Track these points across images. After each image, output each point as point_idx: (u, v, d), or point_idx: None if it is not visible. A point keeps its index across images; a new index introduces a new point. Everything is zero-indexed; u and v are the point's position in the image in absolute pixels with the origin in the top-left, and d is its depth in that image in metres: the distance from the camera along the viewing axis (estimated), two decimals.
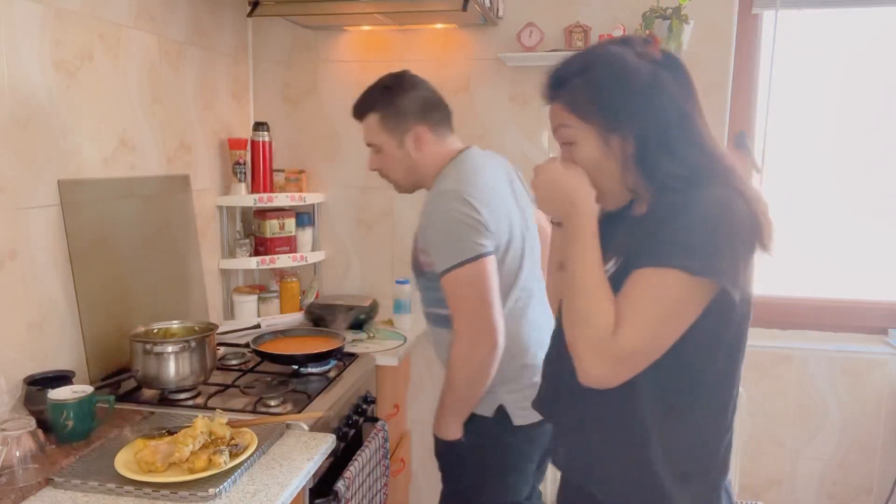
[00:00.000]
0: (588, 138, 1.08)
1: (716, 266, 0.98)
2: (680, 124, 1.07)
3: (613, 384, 1.02)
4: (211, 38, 2.28)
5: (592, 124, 1.08)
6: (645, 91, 1.06)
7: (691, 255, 0.98)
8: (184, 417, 1.50)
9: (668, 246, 1.00)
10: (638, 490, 1.09)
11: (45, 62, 1.56)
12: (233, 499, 1.19)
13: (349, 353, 2.03)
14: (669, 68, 1.10)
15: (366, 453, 1.72)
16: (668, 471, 1.06)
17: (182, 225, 2.11)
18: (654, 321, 0.99)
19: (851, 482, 2.40)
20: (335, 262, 2.63)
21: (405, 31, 2.45)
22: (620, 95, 1.06)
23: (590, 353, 1.01)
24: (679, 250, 0.98)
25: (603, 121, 1.07)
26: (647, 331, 0.99)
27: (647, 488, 1.07)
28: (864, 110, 2.35)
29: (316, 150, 2.59)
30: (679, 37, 2.11)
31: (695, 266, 0.97)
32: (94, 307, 1.69)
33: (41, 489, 1.20)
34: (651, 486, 1.07)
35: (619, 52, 1.09)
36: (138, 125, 1.91)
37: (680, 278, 0.98)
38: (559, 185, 1.09)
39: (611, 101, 1.06)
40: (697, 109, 1.12)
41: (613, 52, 1.10)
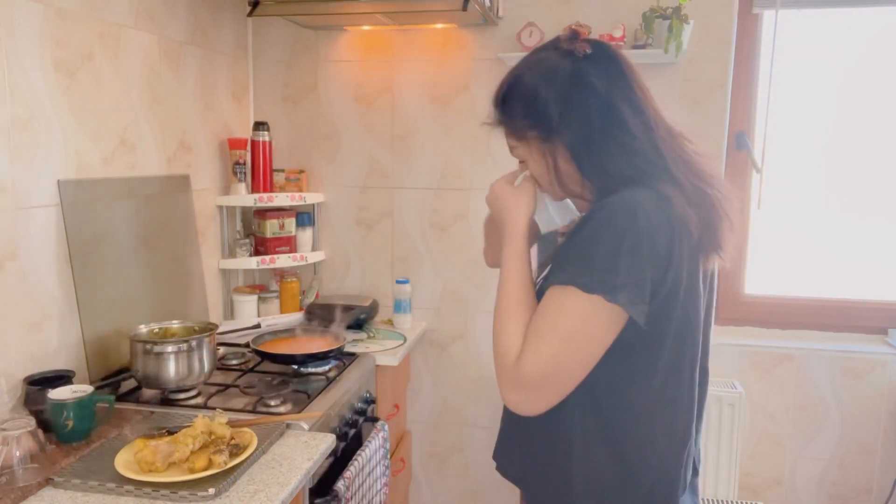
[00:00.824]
0: (532, 155, 1.07)
1: (611, 282, 0.90)
2: (605, 123, 1.01)
3: (536, 411, 0.97)
4: (211, 38, 2.28)
5: (530, 141, 1.06)
6: (566, 93, 1.01)
7: (586, 269, 0.92)
8: (184, 417, 1.50)
9: (570, 261, 0.96)
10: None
11: (45, 62, 1.56)
12: (233, 499, 1.19)
13: (349, 353, 2.04)
14: (596, 60, 1.03)
15: (366, 453, 1.72)
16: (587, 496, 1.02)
17: (182, 225, 2.11)
18: (556, 342, 0.94)
19: (851, 482, 2.40)
20: (335, 262, 2.63)
21: (405, 31, 2.45)
22: (545, 102, 1.02)
23: (501, 381, 0.99)
24: (578, 266, 0.94)
25: (536, 135, 1.05)
26: (547, 353, 0.94)
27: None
28: (865, 110, 2.35)
29: (316, 150, 2.59)
30: (679, 37, 2.11)
31: (586, 281, 0.91)
32: (94, 307, 1.69)
33: (41, 489, 1.20)
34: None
35: (541, 57, 1.06)
36: (138, 125, 1.91)
37: (576, 296, 0.93)
38: (500, 202, 1.10)
39: (537, 113, 1.03)
40: (631, 98, 1.03)
41: (535, 59, 1.07)
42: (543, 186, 1.09)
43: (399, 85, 2.50)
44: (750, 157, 2.39)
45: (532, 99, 1.04)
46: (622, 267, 0.91)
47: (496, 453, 1.21)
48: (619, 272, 0.91)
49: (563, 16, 2.32)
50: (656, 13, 2.15)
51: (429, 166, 2.49)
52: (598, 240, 0.93)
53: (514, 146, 1.10)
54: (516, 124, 1.07)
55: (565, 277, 0.94)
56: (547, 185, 1.08)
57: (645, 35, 2.19)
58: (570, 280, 0.93)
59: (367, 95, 2.52)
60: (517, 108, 1.06)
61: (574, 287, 0.92)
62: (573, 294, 0.93)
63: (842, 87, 2.36)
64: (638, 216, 0.92)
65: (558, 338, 0.94)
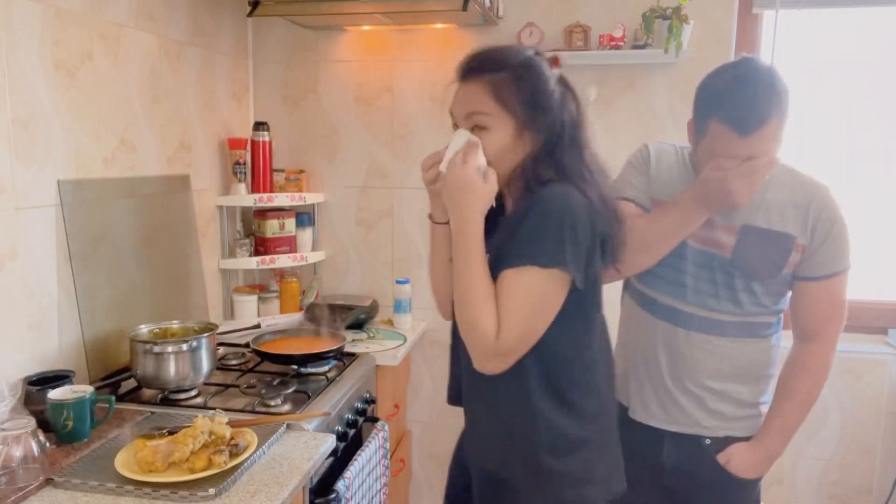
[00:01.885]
0: (503, 127, 1.17)
1: (561, 256, 1.11)
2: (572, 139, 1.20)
3: (503, 369, 1.16)
4: (211, 38, 2.28)
5: (512, 115, 1.17)
6: (559, 103, 1.19)
7: (540, 249, 1.11)
8: (184, 417, 1.50)
9: (522, 246, 1.13)
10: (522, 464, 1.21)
11: (45, 62, 1.56)
12: (233, 499, 1.19)
13: (349, 353, 2.03)
14: (568, 90, 1.22)
15: (366, 453, 1.72)
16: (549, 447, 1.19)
17: (182, 225, 2.11)
18: (525, 316, 1.12)
19: (851, 482, 2.40)
20: (335, 262, 2.63)
21: (405, 31, 2.45)
22: (541, 97, 1.17)
23: (480, 353, 1.15)
24: (531, 248, 1.12)
25: (524, 116, 1.17)
26: (521, 326, 1.12)
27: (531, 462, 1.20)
28: (864, 110, 2.35)
29: (316, 150, 2.59)
30: (679, 37, 2.11)
31: (544, 259, 1.11)
32: (94, 307, 1.69)
33: (41, 489, 1.21)
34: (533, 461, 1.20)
35: (539, 59, 1.21)
36: (138, 125, 1.91)
37: (536, 273, 1.11)
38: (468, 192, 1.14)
39: (537, 102, 1.17)
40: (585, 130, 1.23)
41: (535, 57, 1.20)
42: (491, 158, 1.18)
43: (399, 85, 2.50)
44: None
45: (541, 88, 1.17)
46: (567, 242, 1.11)
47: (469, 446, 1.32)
48: (566, 247, 1.11)
49: (563, 16, 2.32)
50: (656, 13, 2.15)
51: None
52: (545, 225, 1.12)
53: (485, 111, 1.17)
54: (508, 97, 1.16)
55: (523, 260, 1.12)
56: (494, 157, 1.18)
57: (645, 35, 2.19)
58: (530, 261, 1.11)
59: (367, 95, 2.52)
60: (520, 86, 1.16)
61: (535, 266, 1.11)
62: (534, 272, 1.12)
63: (841, 87, 2.36)
64: (570, 202, 1.12)
65: (526, 312, 1.13)
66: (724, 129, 1.29)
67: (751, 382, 1.49)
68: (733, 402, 1.48)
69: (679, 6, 2.12)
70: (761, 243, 1.40)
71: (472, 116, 1.18)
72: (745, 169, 1.29)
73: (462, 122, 1.21)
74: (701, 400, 1.47)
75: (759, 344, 1.48)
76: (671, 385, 1.48)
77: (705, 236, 1.42)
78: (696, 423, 1.48)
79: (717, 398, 1.47)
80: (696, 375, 1.47)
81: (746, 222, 1.41)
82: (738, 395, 1.47)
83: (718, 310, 1.44)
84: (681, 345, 1.47)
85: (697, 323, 1.45)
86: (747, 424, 1.50)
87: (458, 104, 1.22)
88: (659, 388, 1.50)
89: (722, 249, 1.42)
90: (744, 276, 1.41)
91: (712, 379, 1.46)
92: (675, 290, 1.46)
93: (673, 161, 1.50)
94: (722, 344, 1.45)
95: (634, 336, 1.56)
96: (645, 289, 1.52)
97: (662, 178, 1.49)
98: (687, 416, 1.48)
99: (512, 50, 1.21)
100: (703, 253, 1.43)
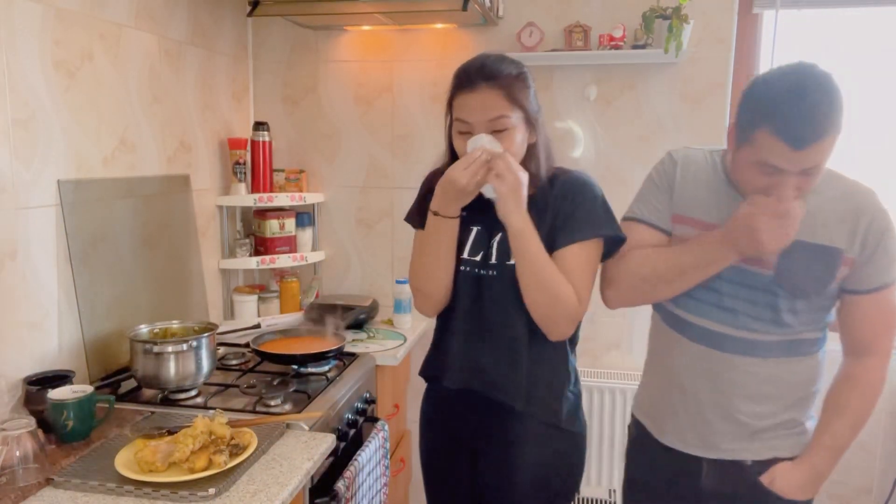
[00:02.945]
0: (519, 124, 1.33)
1: (616, 226, 1.38)
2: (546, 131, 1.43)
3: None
4: (211, 38, 2.28)
5: (522, 111, 1.33)
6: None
7: (610, 223, 1.38)
8: (184, 417, 1.50)
9: (592, 220, 1.36)
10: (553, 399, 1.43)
11: (45, 62, 1.56)
12: (233, 499, 1.19)
13: (349, 353, 2.03)
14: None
15: (366, 453, 1.72)
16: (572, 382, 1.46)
17: (182, 225, 2.11)
18: (592, 280, 1.39)
19: (851, 482, 2.40)
20: (335, 262, 2.63)
21: (405, 31, 2.45)
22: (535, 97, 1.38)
23: (566, 321, 1.35)
24: (602, 221, 1.36)
25: (529, 110, 1.34)
26: (591, 289, 1.37)
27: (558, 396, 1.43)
28: (864, 110, 2.35)
29: (316, 150, 2.59)
30: (679, 37, 2.11)
31: (613, 229, 1.37)
32: (94, 307, 1.69)
33: (41, 489, 1.21)
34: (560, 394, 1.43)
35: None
36: (138, 125, 1.91)
37: (598, 245, 1.38)
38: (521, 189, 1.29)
39: (532, 95, 1.37)
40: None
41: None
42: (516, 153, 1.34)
43: (399, 85, 2.49)
44: None
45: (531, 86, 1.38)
46: (612, 214, 1.39)
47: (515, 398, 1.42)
48: (613, 219, 1.39)
49: (563, 16, 2.32)
50: (656, 13, 2.15)
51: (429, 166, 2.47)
52: (593, 203, 1.37)
53: (506, 115, 1.31)
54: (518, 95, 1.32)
55: (597, 231, 1.36)
56: (518, 152, 1.34)
57: (645, 35, 2.19)
58: (602, 232, 1.37)
59: (367, 95, 2.52)
60: (528, 86, 1.36)
61: (595, 239, 1.37)
62: (594, 244, 1.37)
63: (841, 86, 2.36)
64: (596, 182, 1.41)
65: (592, 276, 1.39)
66: (774, 141, 1.17)
67: (797, 402, 1.37)
68: (778, 424, 1.36)
69: (679, 6, 2.12)
70: (806, 259, 1.27)
71: (496, 121, 1.31)
72: (778, 212, 1.19)
73: (482, 127, 1.32)
74: (744, 426, 1.35)
75: (806, 361, 1.36)
76: (711, 414, 1.37)
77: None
78: (738, 449, 1.37)
79: (761, 423, 1.35)
80: (738, 402, 1.35)
81: None
82: (783, 416, 1.36)
83: (761, 330, 1.32)
84: (721, 370, 1.35)
85: (738, 345, 1.33)
86: (792, 443, 1.38)
87: (476, 112, 1.31)
88: (696, 417, 1.38)
89: (763, 267, 1.30)
90: (788, 295, 1.30)
91: (756, 403, 1.34)
92: (711, 312, 1.35)
93: (702, 169, 1.39)
94: (766, 366, 1.33)
95: (666, 360, 1.45)
96: (677, 310, 1.41)
97: (688, 192, 1.38)
98: (729, 444, 1.37)
99: (503, 56, 1.37)
100: (742, 271, 1.31)
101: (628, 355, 2.43)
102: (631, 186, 1.46)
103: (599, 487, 2.41)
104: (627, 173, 2.35)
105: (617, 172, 2.36)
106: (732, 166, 1.31)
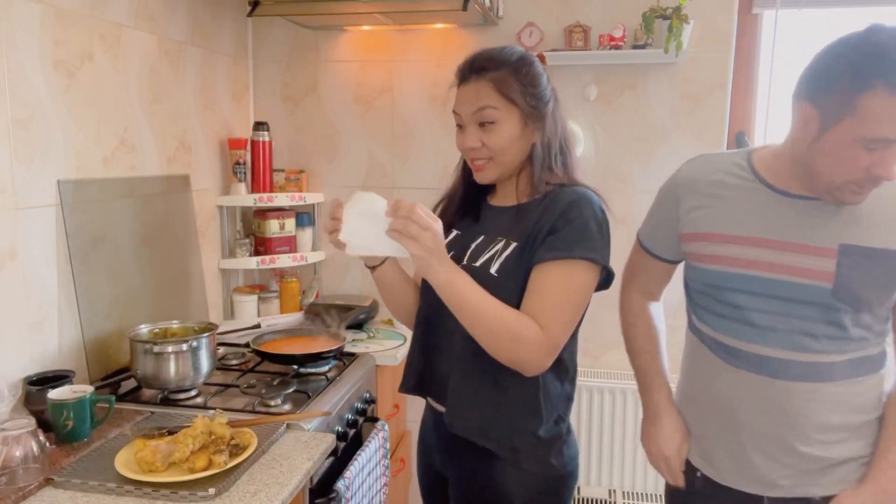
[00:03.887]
0: (511, 118, 1.24)
1: (606, 256, 1.22)
2: (568, 134, 1.32)
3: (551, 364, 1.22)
4: (211, 38, 2.28)
5: (516, 106, 1.24)
6: (553, 99, 1.29)
7: (594, 247, 1.19)
8: (184, 417, 1.50)
9: (572, 240, 1.18)
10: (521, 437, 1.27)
11: (45, 62, 1.56)
12: (233, 499, 1.19)
13: (349, 353, 2.03)
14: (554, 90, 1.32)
15: (366, 453, 1.72)
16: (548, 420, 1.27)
17: (182, 225, 2.11)
18: (573, 307, 1.20)
19: None
20: (335, 262, 2.63)
21: (405, 31, 2.45)
22: (543, 92, 1.27)
23: (533, 355, 1.17)
24: (585, 244, 1.18)
25: (526, 106, 1.24)
26: (569, 316, 1.20)
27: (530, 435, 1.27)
28: None
29: (316, 150, 2.59)
30: (679, 37, 2.11)
31: (597, 257, 1.19)
32: (94, 307, 1.69)
33: (41, 489, 1.21)
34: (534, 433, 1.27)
35: (532, 56, 1.29)
36: (138, 125, 1.91)
37: (585, 267, 1.19)
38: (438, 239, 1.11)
39: (536, 93, 1.25)
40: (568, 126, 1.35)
41: (528, 54, 1.29)
42: (498, 153, 1.26)
43: (399, 85, 2.50)
44: None
45: (539, 81, 1.27)
46: (606, 243, 1.22)
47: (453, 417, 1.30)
48: (606, 247, 1.22)
49: (563, 16, 2.32)
50: (656, 13, 2.15)
51: (429, 166, 2.49)
52: (591, 223, 1.20)
53: (492, 105, 1.24)
54: (510, 91, 1.23)
55: (576, 252, 1.18)
56: (505, 148, 1.26)
57: (645, 35, 2.19)
58: (583, 254, 1.18)
59: (367, 95, 2.52)
60: (520, 81, 1.24)
61: (586, 261, 1.19)
62: (584, 266, 1.19)
63: None
64: (602, 207, 1.25)
65: (573, 305, 1.20)
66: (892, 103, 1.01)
67: (864, 427, 1.21)
68: (849, 454, 1.20)
69: (679, 6, 2.12)
70: (866, 265, 1.13)
71: (481, 112, 1.24)
72: None
73: (469, 118, 1.27)
74: (811, 460, 1.19)
75: (871, 380, 1.20)
76: (773, 449, 1.21)
77: (796, 265, 1.16)
78: (805, 485, 1.21)
79: (830, 454, 1.19)
80: (800, 433, 1.19)
81: (844, 241, 1.14)
82: (854, 445, 1.20)
83: (823, 350, 1.16)
84: (779, 399, 1.19)
85: (798, 370, 1.17)
86: (864, 473, 1.21)
87: (464, 103, 1.27)
88: (753, 452, 1.23)
89: (820, 279, 1.14)
90: (851, 308, 1.14)
91: (824, 433, 1.18)
92: (763, 336, 1.19)
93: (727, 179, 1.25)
94: (832, 390, 1.17)
95: (711, 390, 1.28)
96: (723, 337, 1.25)
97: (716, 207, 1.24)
98: (794, 480, 1.21)
99: (507, 48, 1.28)
100: (796, 286, 1.16)
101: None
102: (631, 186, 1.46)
103: (599, 487, 2.41)
104: (627, 173, 2.35)
105: (617, 172, 2.36)
106: (814, 155, 1.11)
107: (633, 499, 2.38)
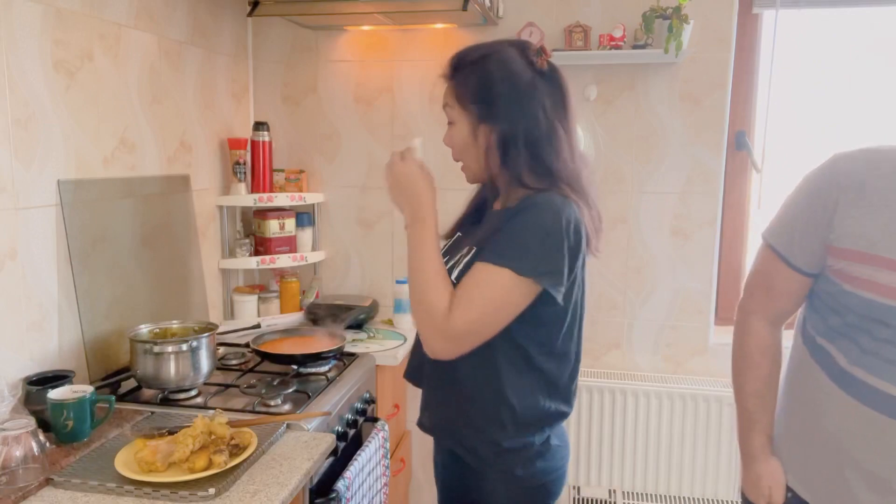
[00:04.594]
0: (463, 122, 1.25)
1: (539, 269, 1.14)
2: (546, 131, 1.21)
3: (451, 357, 1.19)
4: (211, 38, 2.28)
5: (468, 111, 1.24)
6: (521, 95, 1.21)
7: (522, 256, 1.14)
8: (184, 417, 1.50)
9: (504, 246, 1.16)
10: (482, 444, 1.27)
11: (45, 62, 1.56)
12: (233, 499, 1.19)
13: (349, 353, 2.04)
14: (550, 81, 1.24)
15: (366, 453, 1.72)
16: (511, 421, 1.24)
17: (182, 225, 2.11)
18: (483, 308, 1.15)
19: None
20: (335, 262, 2.63)
21: (405, 31, 2.45)
22: (498, 93, 1.21)
23: (429, 332, 1.18)
24: (513, 252, 1.14)
25: (477, 111, 1.23)
26: (476, 315, 1.15)
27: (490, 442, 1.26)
28: (864, 110, 2.35)
29: (316, 150, 2.59)
30: (679, 37, 2.11)
31: (523, 268, 1.14)
32: (94, 307, 1.69)
33: (41, 489, 1.21)
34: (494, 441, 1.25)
35: (510, 54, 1.23)
36: (138, 125, 1.91)
37: (508, 276, 1.14)
38: (409, 180, 1.23)
39: (488, 96, 1.21)
40: (566, 122, 1.26)
41: (506, 53, 1.23)
42: (457, 153, 1.29)
43: (399, 85, 2.50)
44: (750, 157, 2.39)
45: (486, 83, 1.22)
46: (549, 257, 1.15)
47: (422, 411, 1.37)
48: (547, 261, 1.15)
49: (563, 16, 2.32)
50: (656, 13, 2.15)
51: (429, 166, 2.48)
52: (530, 232, 1.15)
53: (449, 104, 1.27)
54: (462, 93, 1.24)
55: (500, 259, 1.15)
56: (458, 150, 1.28)
57: (645, 35, 2.19)
58: (506, 263, 1.14)
59: (367, 95, 2.52)
60: (470, 82, 1.23)
61: (508, 269, 1.14)
62: (506, 274, 1.14)
63: (842, 86, 2.36)
64: (561, 218, 1.15)
65: (486, 305, 1.15)
66: None
67: None
68: None
69: (679, 6, 2.12)
70: None
71: (445, 110, 1.29)
72: None
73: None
74: None
75: None
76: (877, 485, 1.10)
77: None
78: None
79: None
80: None
81: None
82: None
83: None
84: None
85: None
86: None
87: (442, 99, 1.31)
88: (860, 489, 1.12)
89: None
90: None
91: None
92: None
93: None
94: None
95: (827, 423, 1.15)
96: (853, 368, 1.09)
97: (879, 219, 1.02)
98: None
99: (475, 47, 1.27)
100: None
101: (628, 355, 2.43)
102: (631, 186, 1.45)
103: (599, 487, 2.41)
104: (627, 173, 2.35)
105: (617, 172, 2.36)
106: None
107: (633, 499, 2.37)
